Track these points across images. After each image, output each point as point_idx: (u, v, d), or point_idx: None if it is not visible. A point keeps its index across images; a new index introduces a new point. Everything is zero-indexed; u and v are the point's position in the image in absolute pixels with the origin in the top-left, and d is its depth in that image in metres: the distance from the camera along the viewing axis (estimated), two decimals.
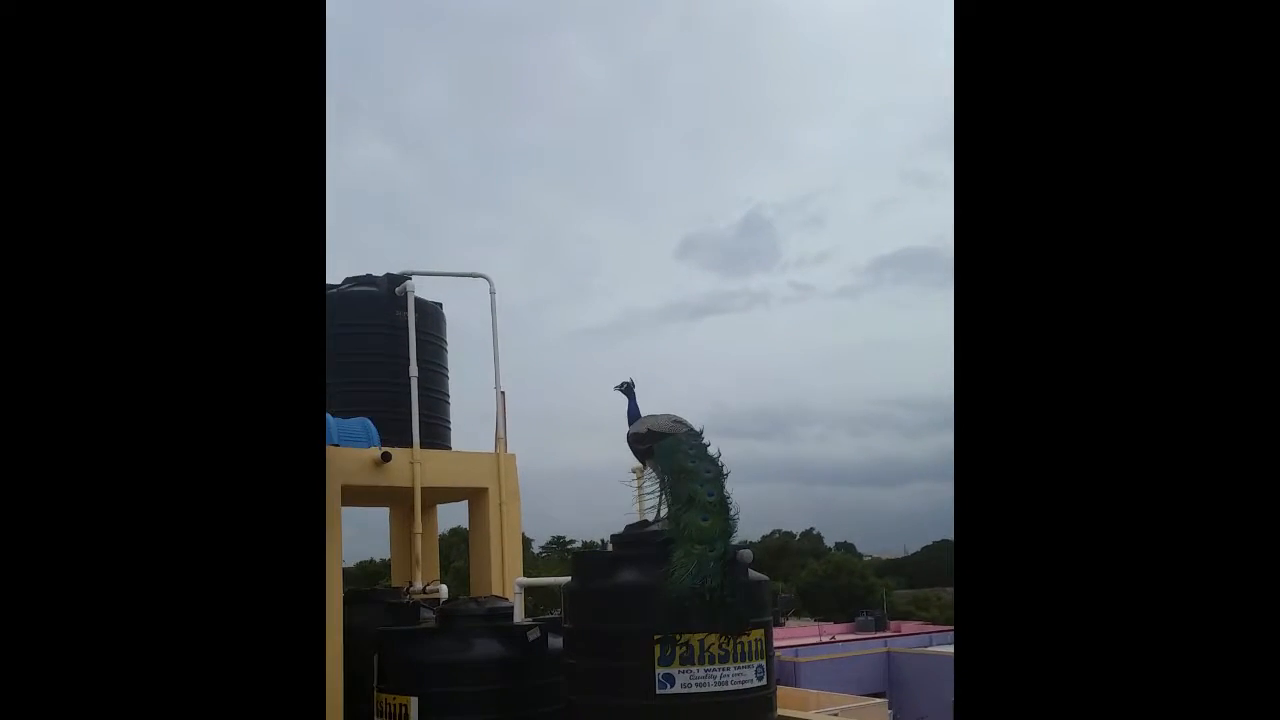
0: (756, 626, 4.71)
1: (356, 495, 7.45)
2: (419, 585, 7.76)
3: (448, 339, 8.58)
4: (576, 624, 5.04)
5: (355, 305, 8.04)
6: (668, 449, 5.16)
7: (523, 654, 5.77)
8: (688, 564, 4.58)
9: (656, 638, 4.50)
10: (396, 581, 9.03)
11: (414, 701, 5.79)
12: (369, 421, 6.65)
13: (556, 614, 5.88)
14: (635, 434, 5.47)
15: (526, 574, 7.95)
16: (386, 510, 9.30)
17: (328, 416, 6.56)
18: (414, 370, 7.67)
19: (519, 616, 6.33)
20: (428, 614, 7.39)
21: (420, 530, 7.77)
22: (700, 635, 4.53)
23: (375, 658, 6.26)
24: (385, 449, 7.12)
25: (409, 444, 7.50)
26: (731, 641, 4.59)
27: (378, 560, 28.80)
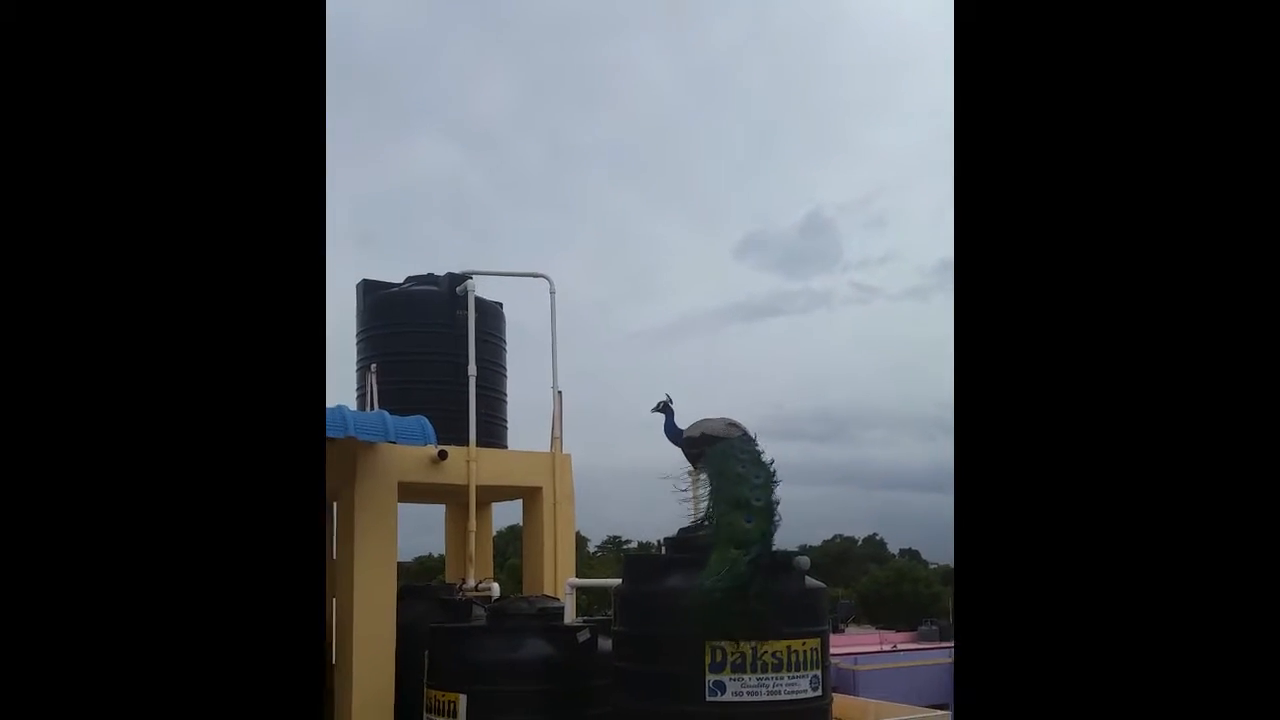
0: (811, 635, 4.62)
1: (412, 492, 7.48)
2: (472, 582, 7.78)
3: (507, 339, 8.59)
4: (627, 627, 4.98)
5: (416, 304, 8.09)
6: (720, 453, 5.07)
7: (572, 655, 5.72)
8: (719, 568, 4.51)
9: (712, 644, 4.42)
10: (450, 578, 9.08)
11: (463, 699, 5.78)
12: (425, 419, 6.66)
13: (608, 615, 5.83)
14: (690, 437, 5.38)
15: (580, 574, 7.95)
16: (440, 507, 9.36)
17: (384, 414, 6.58)
18: (472, 369, 7.69)
19: (569, 617, 6.30)
20: (480, 611, 7.40)
21: (474, 528, 7.79)
22: (753, 643, 4.44)
23: (427, 653, 6.27)
24: (442, 447, 7.14)
25: (466, 442, 7.52)
26: (787, 650, 4.50)
27: (436, 555, 29.06)
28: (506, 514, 9.49)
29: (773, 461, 4.99)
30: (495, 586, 7.54)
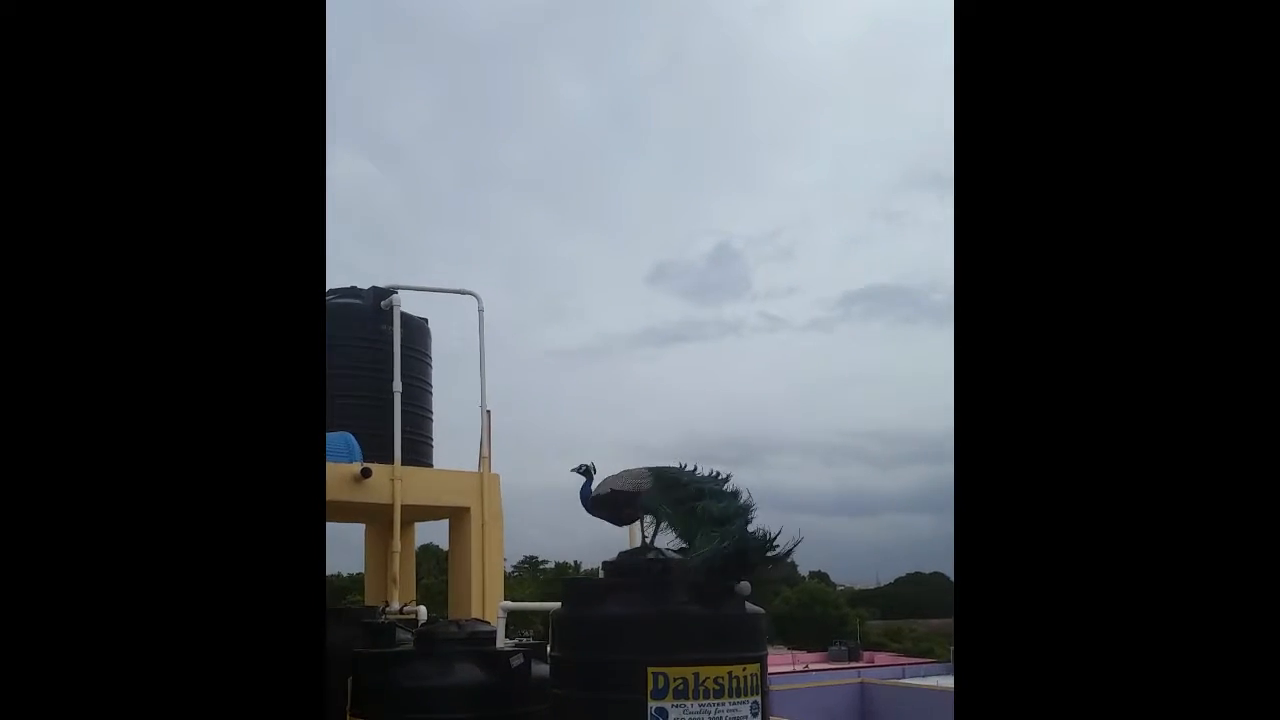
0: (751, 660, 4.57)
1: (335, 511, 7.27)
2: (396, 605, 7.56)
3: (432, 355, 8.42)
4: (565, 653, 4.86)
5: (338, 317, 7.86)
6: (654, 500, 4.86)
7: (505, 681, 5.56)
8: (706, 544, 4.52)
9: (654, 670, 4.34)
10: (371, 600, 8.83)
11: None
12: (351, 436, 6.48)
13: (530, 638, 5.71)
14: (599, 498, 5.08)
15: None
16: (359, 525, 9.13)
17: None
18: (397, 385, 7.51)
19: (501, 641, 6.14)
20: (404, 635, 7.19)
21: (399, 549, 7.59)
22: (695, 669, 4.38)
23: (350, 679, 6.07)
24: (366, 465, 6.95)
25: (390, 460, 7.33)
26: (729, 675, 4.43)
27: (345, 575, 28.48)
28: (421, 534, 9.32)
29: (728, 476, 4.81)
30: (422, 610, 7.34)
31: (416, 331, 8.14)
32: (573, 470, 5.31)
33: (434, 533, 9.17)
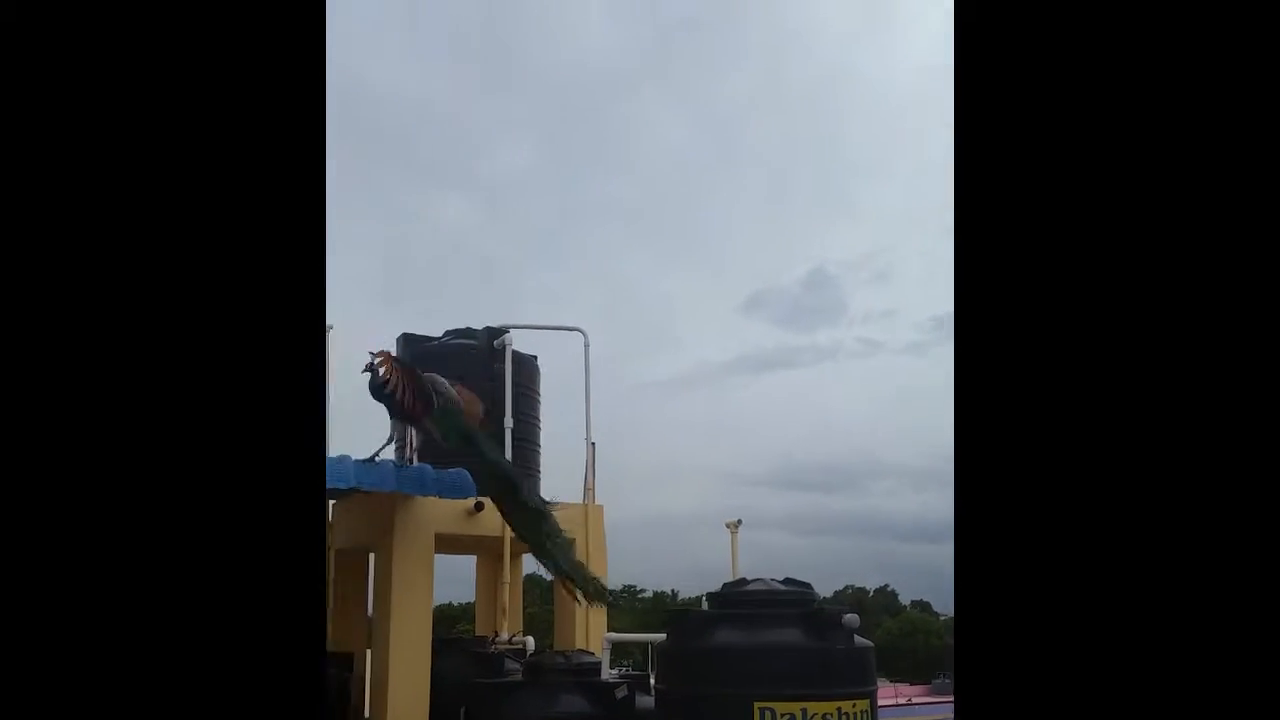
0: (861, 695, 4.65)
1: (449, 543, 7.53)
2: (505, 636, 7.78)
3: (540, 391, 8.67)
4: (670, 685, 5.00)
5: (455, 358, 8.17)
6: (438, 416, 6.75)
7: (610, 712, 5.73)
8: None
9: (760, 704, 4.46)
10: (481, 630, 9.07)
11: None
12: (466, 472, 6.73)
13: (626, 667, 5.88)
14: (376, 386, 6.56)
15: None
16: (470, 557, 9.38)
17: (426, 467, 6.65)
18: (509, 422, 7.77)
19: (606, 672, 6.31)
20: (513, 665, 7.40)
21: (508, 580, 7.82)
22: (803, 704, 4.47)
23: (463, 709, 6.29)
24: (478, 499, 7.19)
25: None
26: (838, 711, 4.52)
27: (456, 604, 28.90)
28: (528, 563, 9.54)
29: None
30: (530, 640, 7.55)
31: (526, 369, 8.40)
32: (362, 371, 6.72)
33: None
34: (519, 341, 8.24)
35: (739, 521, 7.73)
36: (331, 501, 8.25)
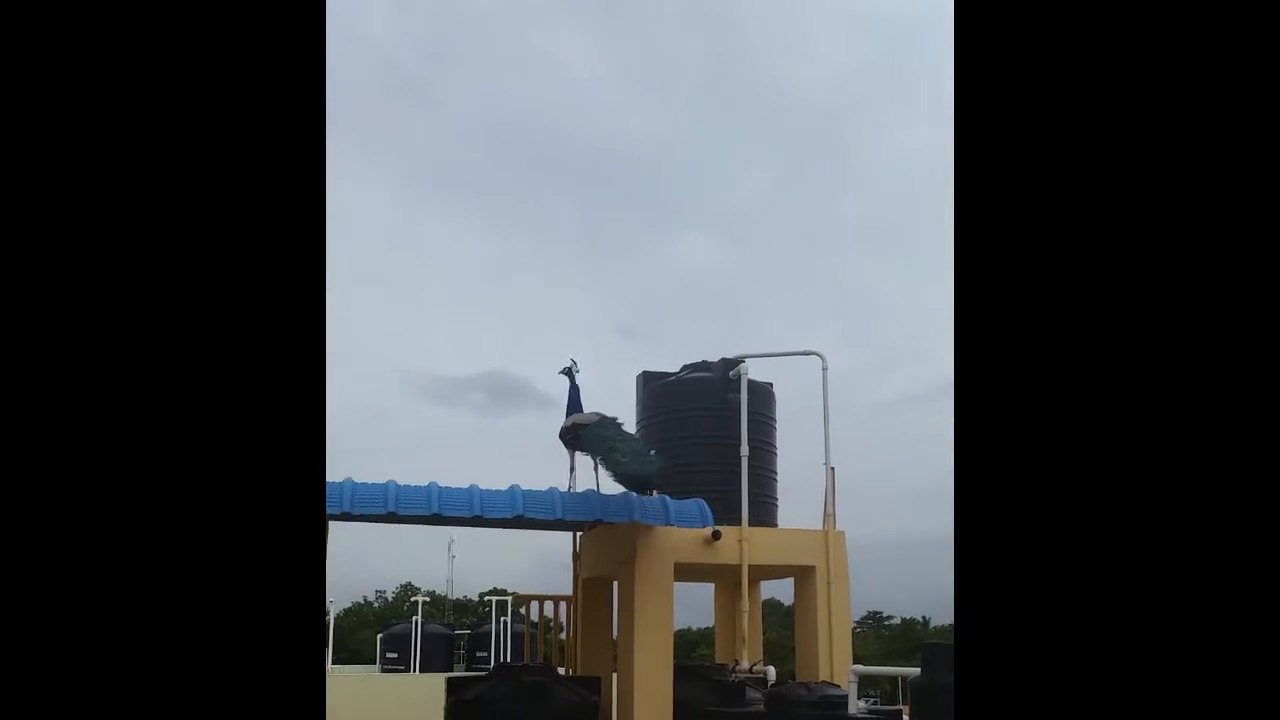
0: None
1: (688, 571, 7.65)
2: (745, 664, 7.81)
3: (777, 417, 8.70)
4: None
5: (690, 391, 8.35)
6: (592, 433, 7.05)
7: None
8: (621, 465, 6.69)
9: None
10: (721, 656, 9.13)
11: None
12: (704, 503, 6.85)
13: (874, 699, 5.74)
14: (564, 429, 7.28)
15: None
16: (707, 585, 9.47)
17: (665, 498, 6.80)
18: (745, 450, 7.82)
19: (853, 707, 6.22)
20: (754, 695, 7.41)
21: (747, 608, 7.85)
22: None
23: None
24: (716, 528, 7.27)
25: (738, 522, 7.63)
26: None
27: (694, 629, 29.15)
28: (763, 588, 9.53)
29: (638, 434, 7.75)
30: (771, 670, 7.55)
31: (762, 397, 8.45)
32: (560, 372, 7.56)
33: (774, 587, 9.35)
34: (756, 370, 8.30)
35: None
36: (578, 534, 8.55)
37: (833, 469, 8.01)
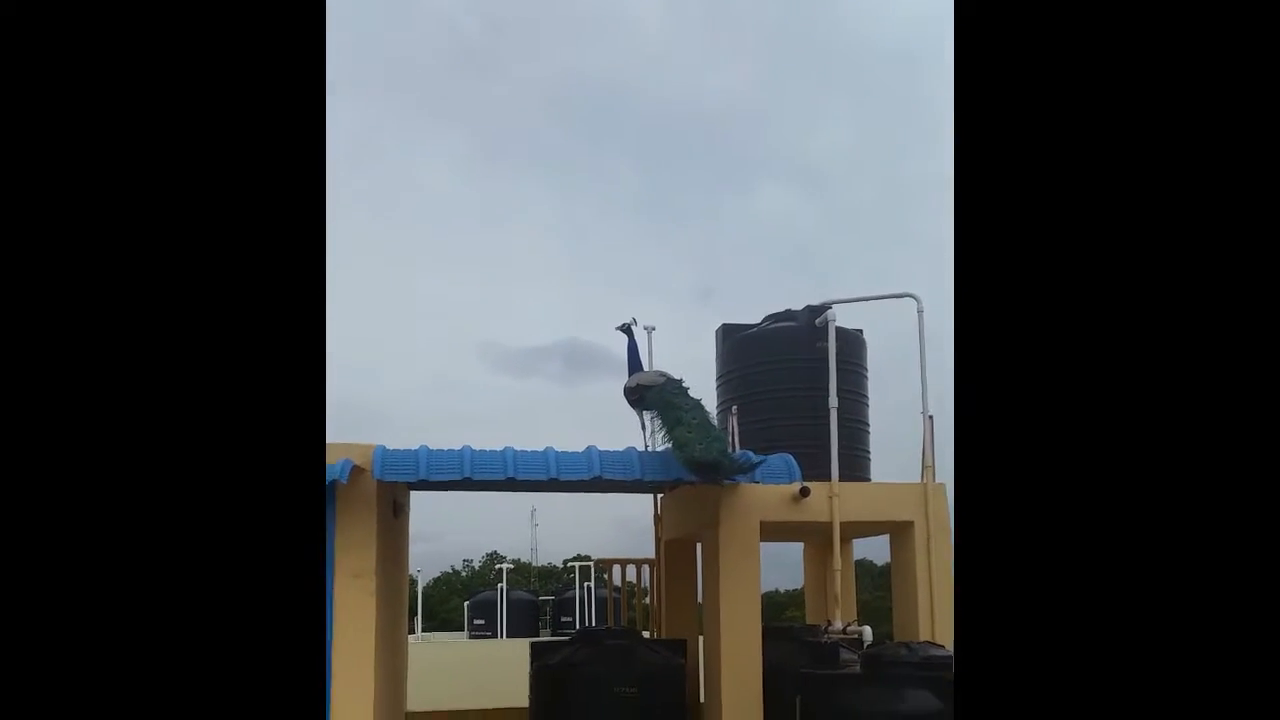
0: None
1: (774, 530, 7.31)
2: (838, 625, 7.47)
3: (869, 365, 8.26)
4: None
5: (774, 341, 7.95)
6: (657, 395, 6.65)
7: None
8: (688, 454, 6.09)
9: None
10: (811, 618, 8.83)
11: None
12: (791, 458, 6.47)
13: None
14: (628, 388, 6.92)
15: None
16: (795, 544, 9.15)
17: (749, 454, 6.46)
18: (833, 401, 7.41)
19: None
20: (848, 656, 7.08)
21: (839, 566, 7.49)
22: None
23: (799, 699, 6.04)
24: (804, 484, 6.93)
25: (827, 477, 7.26)
26: None
27: (783, 591, 28.90)
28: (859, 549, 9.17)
29: (700, 398, 6.78)
30: (866, 630, 7.19)
31: (852, 344, 8.03)
32: (617, 328, 7.24)
33: (865, 548, 8.98)
34: (845, 317, 7.85)
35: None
36: (658, 495, 8.26)
37: (931, 417, 7.54)
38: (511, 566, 25.92)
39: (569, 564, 27.58)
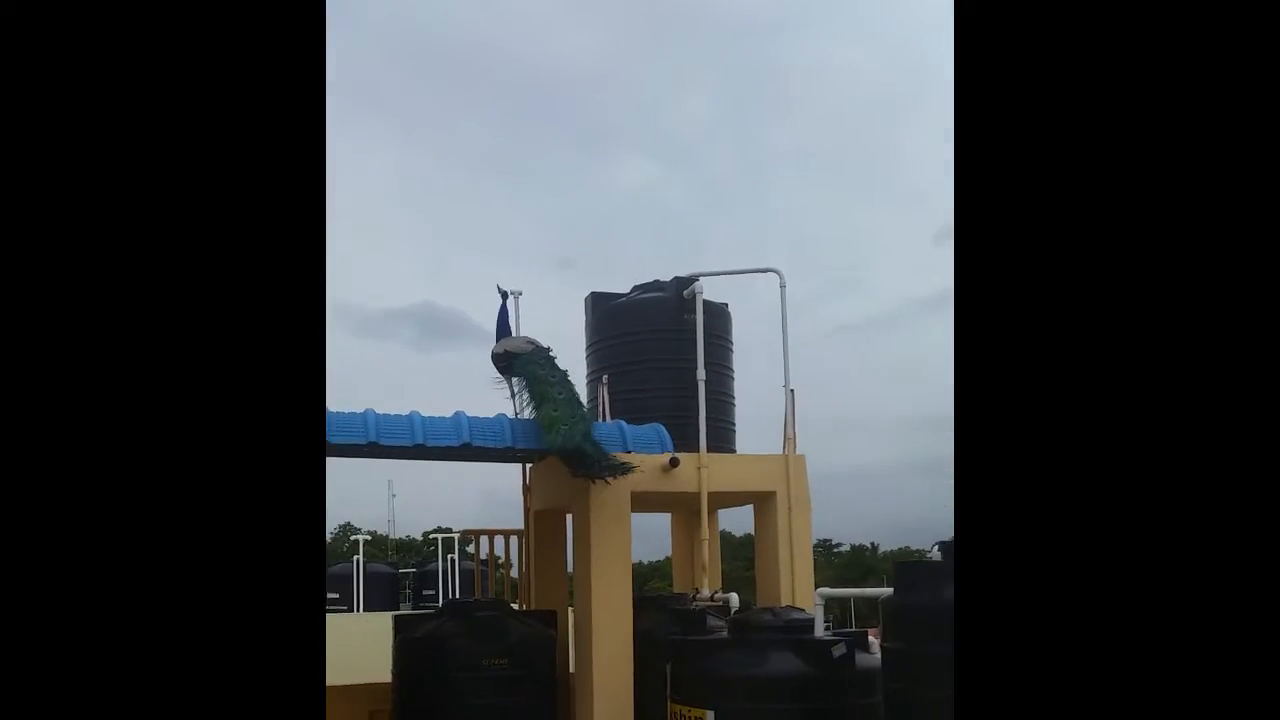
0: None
1: (644, 501, 7.37)
2: (706, 593, 7.61)
3: (733, 340, 8.39)
4: (901, 644, 4.69)
5: (642, 312, 8.00)
6: (524, 363, 6.78)
7: (827, 672, 5.44)
8: (554, 437, 6.18)
9: None
10: (679, 587, 8.95)
11: (710, 715, 5.59)
12: (662, 427, 6.56)
13: (828, 625, 5.63)
14: (495, 354, 7.03)
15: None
16: (660, 515, 9.25)
17: (621, 423, 6.49)
18: (701, 374, 7.51)
19: (820, 630, 6.02)
20: (715, 622, 7.22)
21: (706, 536, 7.62)
22: None
23: (669, 666, 6.13)
24: (674, 454, 7.01)
25: (695, 448, 7.36)
26: None
27: (645, 563, 29.21)
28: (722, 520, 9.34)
29: (568, 370, 6.93)
30: (733, 597, 7.35)
31: (718, 317, 8.13)
32: (498, 290, 7.47)
33: (724, 519, 9.15)
34: (711, 290, 7.95)
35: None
36: (527, 465, 8.24)
37: (792, 391, 7.71)
38: (368, 538, 25.38)
39: (430, 535, 27.25)
